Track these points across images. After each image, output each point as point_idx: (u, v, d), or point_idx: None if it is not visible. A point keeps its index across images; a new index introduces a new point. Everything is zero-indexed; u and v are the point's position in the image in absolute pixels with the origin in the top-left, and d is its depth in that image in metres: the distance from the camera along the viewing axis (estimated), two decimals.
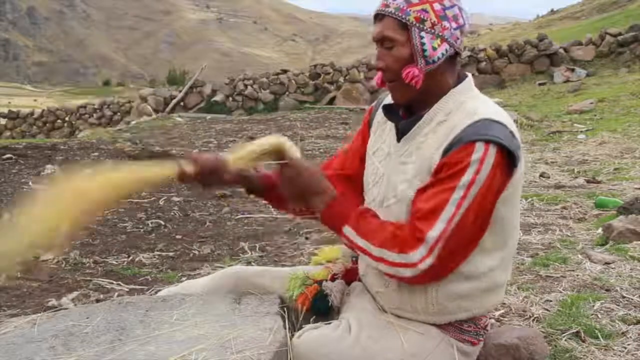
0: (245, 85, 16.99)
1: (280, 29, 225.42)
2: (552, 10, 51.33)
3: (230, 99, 17.01)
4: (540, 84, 14.18)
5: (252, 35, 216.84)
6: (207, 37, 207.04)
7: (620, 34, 15.19)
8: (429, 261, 1.34)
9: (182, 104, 17.35)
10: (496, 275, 1.49)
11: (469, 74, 1.52)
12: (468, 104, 1.43)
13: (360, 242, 1.42)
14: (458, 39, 1.43)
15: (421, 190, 1.40)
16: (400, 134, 1.52)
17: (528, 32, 36.65)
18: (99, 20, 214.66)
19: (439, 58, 1.41)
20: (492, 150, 1.34)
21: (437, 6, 1.39)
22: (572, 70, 14.50)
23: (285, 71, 17.76)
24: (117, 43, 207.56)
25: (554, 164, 6.06)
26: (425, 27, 1.39)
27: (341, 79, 16.72)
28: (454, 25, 1.41)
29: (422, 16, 1.38)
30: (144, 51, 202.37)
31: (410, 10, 1.38)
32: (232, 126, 12.29)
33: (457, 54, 1.46)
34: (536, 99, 12.54)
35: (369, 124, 1.68)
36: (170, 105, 17.13)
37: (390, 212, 1.48)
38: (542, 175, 5.35)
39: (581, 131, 7.94)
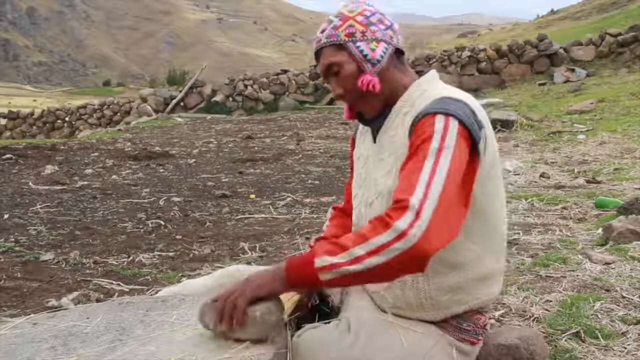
0: (245, 86, 17.00)
1: (280, 29, 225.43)
2: (552, 11, 51.37)
3: (231, 99, 17.03)
4: (540, 84, 14.19)
5: (252, 35, 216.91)
6: (207, 37, 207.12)
7: (620, 34, 15.20)
8: (420, 223, 1.23)
9: (182, 104, 17.38)
10: (485, 264, 1.49)
11: (433, 69, 1.59)
12: (431, 92, 1.47)
13: (340, 258, 1.27)
14: (392, 37, 1.51)
15: (399, 173, 1.40)
16: (375, 134, 1.58)
17: (528, 32, 36.72)
18: (99, 20, 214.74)
19: (381, 56, 1.48)
20: (454, 122, 1.34)
21: (359, 18, 1.49)
22: (572, 70, 14.52)
23: (285, 71, 17.77)
24: (117, 43, 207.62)
25: (554, 164, 6.05)
26: (357, 38, 1.48)
27: None
28: (382, 27, 1.50)
29: (350, 31, 1.48)
30: (144, 51, 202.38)
31: (338, 32, 1.49)
32: (232, 126, 12.30)
33: (400, 52, 1.53)
34: (536, 99, 12.54)
35: (353, 146, 1.75)
36: (171, 106, 17.15)
37: (373, 211, 1.49)
38: (542, 175, 5.35)
39: (581, 131, 7.93)
